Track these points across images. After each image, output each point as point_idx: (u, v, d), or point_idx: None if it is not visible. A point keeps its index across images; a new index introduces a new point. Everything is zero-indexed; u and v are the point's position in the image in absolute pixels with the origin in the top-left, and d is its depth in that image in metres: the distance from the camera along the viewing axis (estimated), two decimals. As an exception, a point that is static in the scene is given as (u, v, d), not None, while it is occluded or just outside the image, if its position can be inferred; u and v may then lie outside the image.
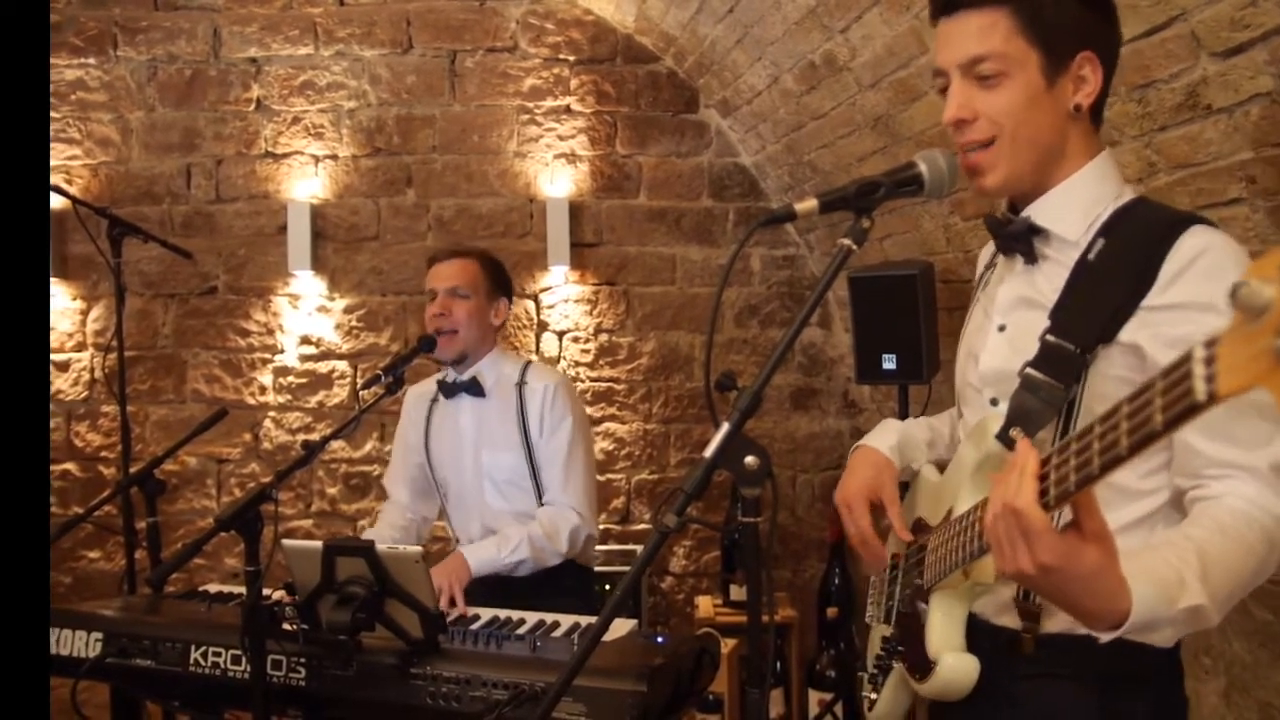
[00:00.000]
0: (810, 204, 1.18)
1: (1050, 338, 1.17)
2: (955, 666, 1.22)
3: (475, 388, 2.45)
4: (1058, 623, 1.18)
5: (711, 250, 3.71)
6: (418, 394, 2.62)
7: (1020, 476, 0.93)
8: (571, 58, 3.66)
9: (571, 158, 3.68)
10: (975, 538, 1.14)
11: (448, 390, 2.48)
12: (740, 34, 2.91)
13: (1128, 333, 1.12)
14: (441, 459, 2.52)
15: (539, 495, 2.43)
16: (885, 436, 1.49)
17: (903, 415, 2.77)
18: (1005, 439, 1.17)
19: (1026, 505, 0.92)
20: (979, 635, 1.25)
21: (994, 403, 1.28)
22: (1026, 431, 1.15)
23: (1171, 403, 0.71)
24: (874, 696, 1.44)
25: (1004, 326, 1.28)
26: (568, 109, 3.67)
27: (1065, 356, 1.15)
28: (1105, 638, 0.98)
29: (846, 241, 1.17)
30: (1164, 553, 1.02)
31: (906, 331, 2.61)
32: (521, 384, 2.45)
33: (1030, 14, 1.16)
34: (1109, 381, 1.14)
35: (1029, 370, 1.17)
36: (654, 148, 3.68)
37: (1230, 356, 0.61)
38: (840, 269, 1.18)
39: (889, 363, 2.67)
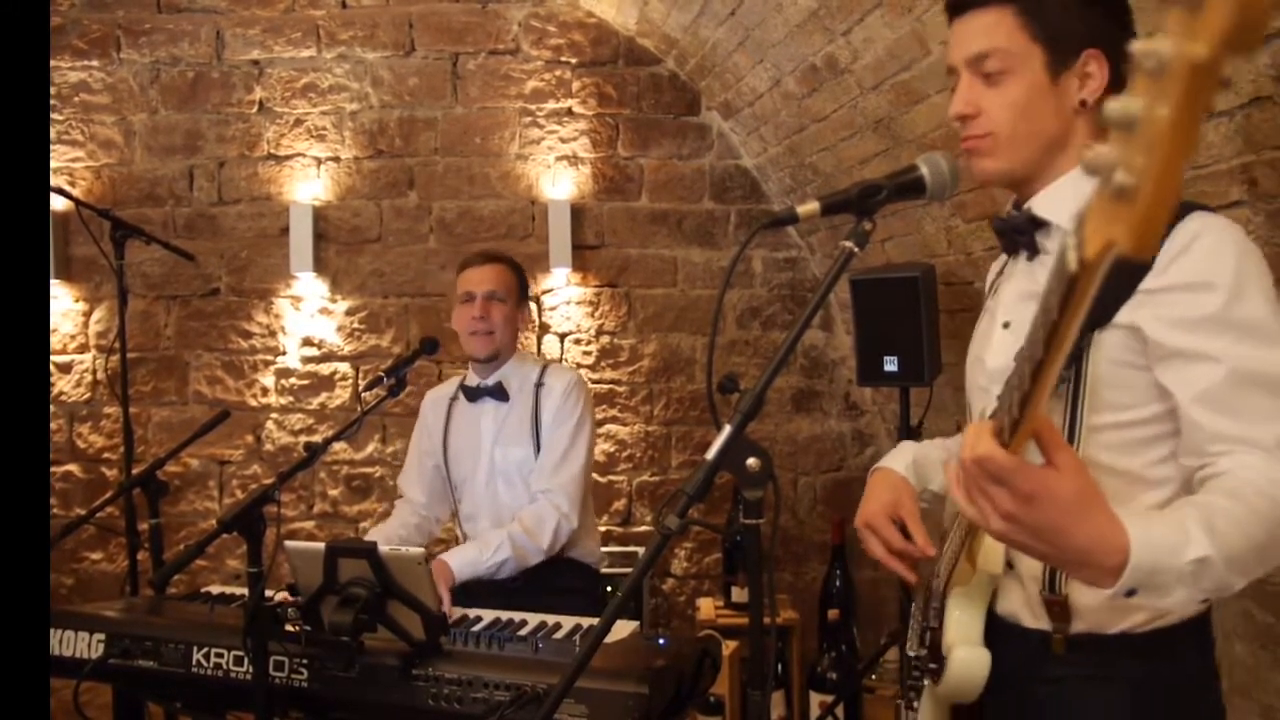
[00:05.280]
0: (812, 206, 1.18)
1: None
2: (965, 659, 1.21)
3: (500, 392, 2.49)
4: (1086, 622, 1.19)
5: (713, 252, 3.71)
6: (437, 396, 2.65)
7: (975, 434, 0.91)
8: (573, 60, 3.67)
9: (573, 160, 3.68)
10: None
11: (471, 394, 2.51)
12: (742, 36, 2.91)
13: (1124, 314, 1.13)
14: (459, 458, 2.54)
15: None
16: (899, 457, 1.50)
17: (904, 417, 2.77)
18: None
19: (987, 448, 0.89)
20: (1011, 638, 1.25)
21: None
22: None
23: (1058, 286, 0.72)
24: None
25: (1009, 323, 1.29)
26: (569, 111, 3.68)
27: None
28: (1110, 590, 0.94)
29: (848, 244, 1.17)
30: (1165, 512, 1.02)
31: (908, 334, 2.61)
32: (539, 384, 2.50)
33: (1033, 11, 1.19)
34: (1110, 365, 1.14)
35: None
36: (655, 150, 3.69)
37: (1093, 223, 0.62)
38: (842, 271, 1.18)
39: (891, 365, 2.68)
